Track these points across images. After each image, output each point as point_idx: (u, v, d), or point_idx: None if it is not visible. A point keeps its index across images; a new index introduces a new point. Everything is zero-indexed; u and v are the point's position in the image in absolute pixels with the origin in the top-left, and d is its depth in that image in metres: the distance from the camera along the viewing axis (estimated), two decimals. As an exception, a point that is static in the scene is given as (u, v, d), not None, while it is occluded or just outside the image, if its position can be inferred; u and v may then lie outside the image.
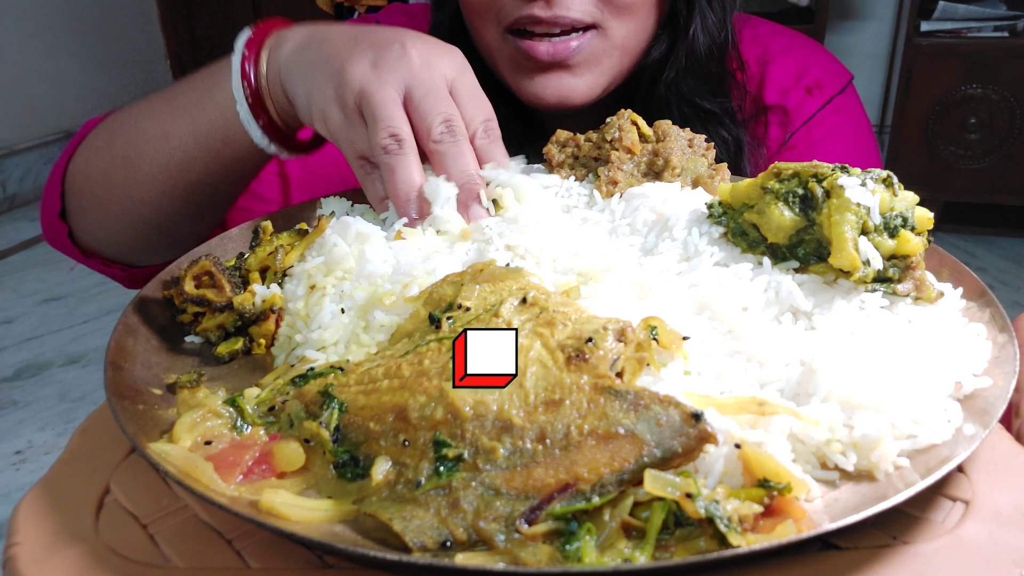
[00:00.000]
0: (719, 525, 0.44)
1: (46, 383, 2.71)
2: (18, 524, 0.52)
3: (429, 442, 0.50)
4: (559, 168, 0.90)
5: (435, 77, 0.78)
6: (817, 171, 0.65)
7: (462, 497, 0.47)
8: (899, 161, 3.47)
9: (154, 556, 0.49)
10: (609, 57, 1.01)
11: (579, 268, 0.70)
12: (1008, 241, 3.47)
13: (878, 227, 0.63)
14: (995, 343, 0.61)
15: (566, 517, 0.46)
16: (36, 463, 2.31)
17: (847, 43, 3.83)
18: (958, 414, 0.54)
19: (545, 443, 0.48)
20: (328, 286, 0.69)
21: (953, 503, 0.51)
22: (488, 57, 1.06)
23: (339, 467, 0.52)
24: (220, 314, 0.68)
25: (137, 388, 0.61)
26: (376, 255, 0.71)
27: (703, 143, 0.87)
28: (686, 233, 0.71)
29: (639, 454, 0.46)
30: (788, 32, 1.25)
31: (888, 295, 0.63)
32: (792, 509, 0.47)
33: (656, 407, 0.48)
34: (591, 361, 0.51)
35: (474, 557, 0.44)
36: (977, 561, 0.47)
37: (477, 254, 0.74)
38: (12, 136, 4.25)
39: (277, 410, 0.58)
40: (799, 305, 0.62)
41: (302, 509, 0.49)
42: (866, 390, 0.54)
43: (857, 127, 1.19)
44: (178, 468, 0.50)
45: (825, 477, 0.51)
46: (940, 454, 0.51)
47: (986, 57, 3.23)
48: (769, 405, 0.52)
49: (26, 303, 3.28)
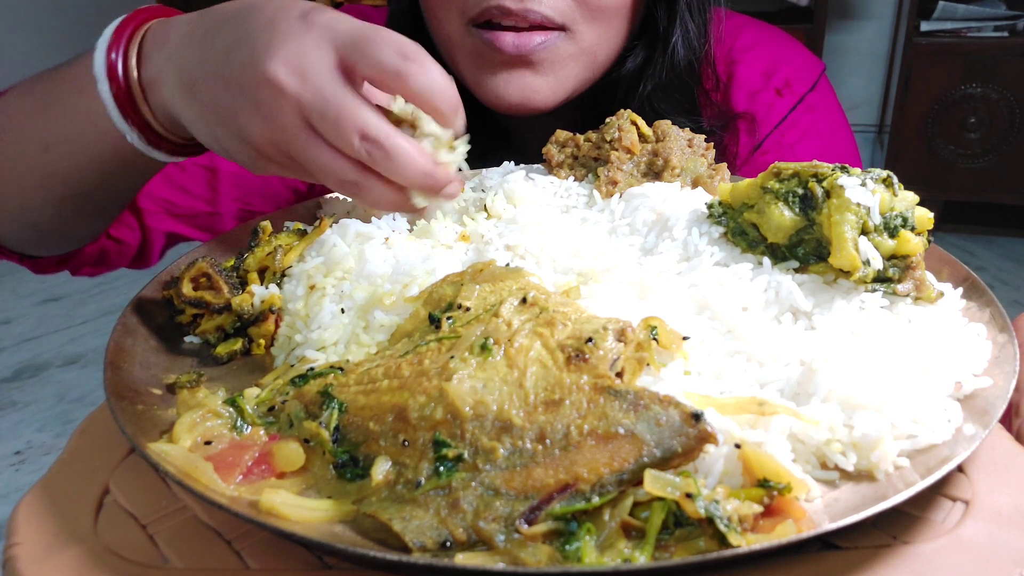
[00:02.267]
0: (719, 525, 0.44)
1: (45, 384, 2.71)
2: (17, 524, 0.51)
3: (429, 442, 0.50)
4: (558, 168, 0.90)
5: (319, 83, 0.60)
6: (817, 171, 0.65)
7: (462, 497, 0.47)
8: (899, 161, 3.44)
9: (153, 557, 0.49)
10: (575, 62, 0.96)
11: (579, 268, 0.70)
12: (1008, 241, 3.47)
13: (878, 227, 0.63)
14: (995, 343, 0.61)
15: (566, 517, 0.46)
16: (35, 464, 2.31)
17: (847, 43, 3.82)
18: (958, 414, 0.54)
19: (545, 443, 0.48)
20: (328, 286, 0.69)
21: (953, 503, 0.51)
22: (447, 52, 1.00)
23: (339, 467, 0.52)
24: (219, 316, 0.68)
25: (136, 388, 0.61)
26: (376, 255, 0.71)
27: (703, 143, 0.87)
28: (686, 233, 0.71)
29: (639, 454, 0.46)
30: (753, 24, 1.18)
31: (888, 295, 0.63)
32: (792, 509, 0.47)
33: (656, 407, 0.48)
34: (591, 361, 0.51)
35: (474, 557, 0.44)
36: (977, 561, 0.47)
37: (477, 254, 0.74)
38: None
39: (277, 410, 0.58)
40: (799, 305, 0.62)
41: (302, 509, 0.49)
42: (866, 390, 0.54)
43: (832, 124, 1.14)
44: (178, 468, 0.50)
45: (825, 477, 0.51)
46: (940, 454, 0.51)
47: (986, 57, 3.22)
48: (769, 405, 0.52)
49: (25, 304, 3.27)
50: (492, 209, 0.80)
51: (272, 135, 0.61)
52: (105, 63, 0.68)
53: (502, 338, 0.54)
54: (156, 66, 0.67)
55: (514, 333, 0.55)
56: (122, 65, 0.68)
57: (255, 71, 0.59)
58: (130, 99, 0.68)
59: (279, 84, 0.58)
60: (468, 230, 0.77)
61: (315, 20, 0.61)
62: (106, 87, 0.68)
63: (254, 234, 0.74)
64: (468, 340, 0.55)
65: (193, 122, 0.66)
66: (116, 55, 0.68)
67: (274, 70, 0.58)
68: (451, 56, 1.00)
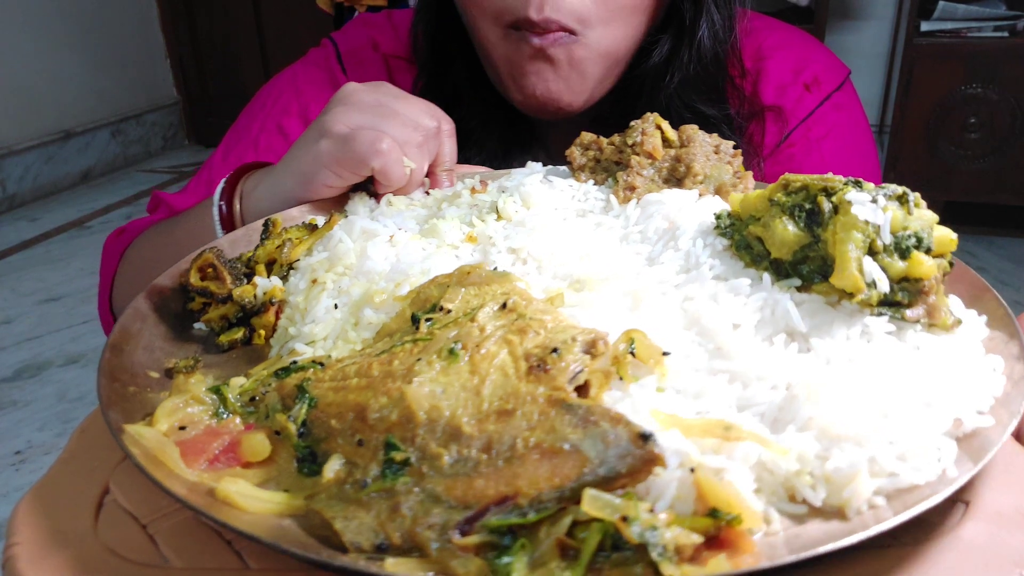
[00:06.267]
0: (652, 553, 0.42)
1: (45, 383, 2.69)
2: (17, 524, 0.52)
3: (381, 444, 0.50)
4: (580, 171, 0.88)
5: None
6: (827, 185, 0.61)
7: (403, 502, 0.47)
8: (899, 161, 3.43)
9: (153, 556, 0.49)
10: (593, 64, 0.99)
11: (577, 275, 0.68)
12: (1008, 241, 3.44)
13: (888, 247, 0.59)
14: (1010, 378, 0.56)
15: (501, 530, 0.45)
16: (35, 463, 2.30)
17: (847, 43, 3.83)
18: (952, 453, 0.50)
19: (491, 453, 0.47)
20: (328, 281, 0.70)
21: (953, 503, 0.50)
22: (483, 51, 1.05)
23: (299, 461, 0.53)
24: (222, 305, 0.70)
25: (133, 371, 0.63)
26: (377, 253, 0.71)
27: (730, 149, 0.84)
28: (691, 244, 0.69)
29: (581, 472, 0.45)
30: (782, 26, 1.20)
31: (895, 320, 0.59)
32: (741, 542, 0.44)
33: (605, 424, 0.46)
34: (551, 372, 0.50)
35: (402, 564, 0.44)
36: (977, 561, 0.46)
37: (482, 256, 0.74)
38: (12, 136, 4.18)
39: (258, 401, 0.60)
40: (795, 326, 0.59)
41: (256, 500, 0.50)
42: (849, 421, 0.50)
43: (856, 126, 1.16)
44: (144, 451, 0.52)
45: (792, 511, 0.48)
46: (922, 495, 0.47)
47: (986, 57, 3.21)
48: (736, 430, 0.49)
49: (25, 303, 3.25)
50: (503, 211, 0.79)
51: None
52: (218, 210, 0.90)
53: (471, 343, 0.54)
54: (251, 201, 0.90)
55: (484, 339, 0.54)
56: (227, 207, 0.90)
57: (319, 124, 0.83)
58: (231, 222, 0.91)
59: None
60: (476, 231, 0.77)
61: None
62: (218, 226, 0.90)
63: (265, 227, 0.76)
64: (438, 343, 0.55)
65: (282, 186, 0.87)
66: (223, 203, 0.91)
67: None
68: (487, 55, 1.04)
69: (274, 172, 0.88)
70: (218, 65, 5.07)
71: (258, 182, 0.90)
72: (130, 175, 4.79)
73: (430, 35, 1.11)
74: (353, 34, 1.21)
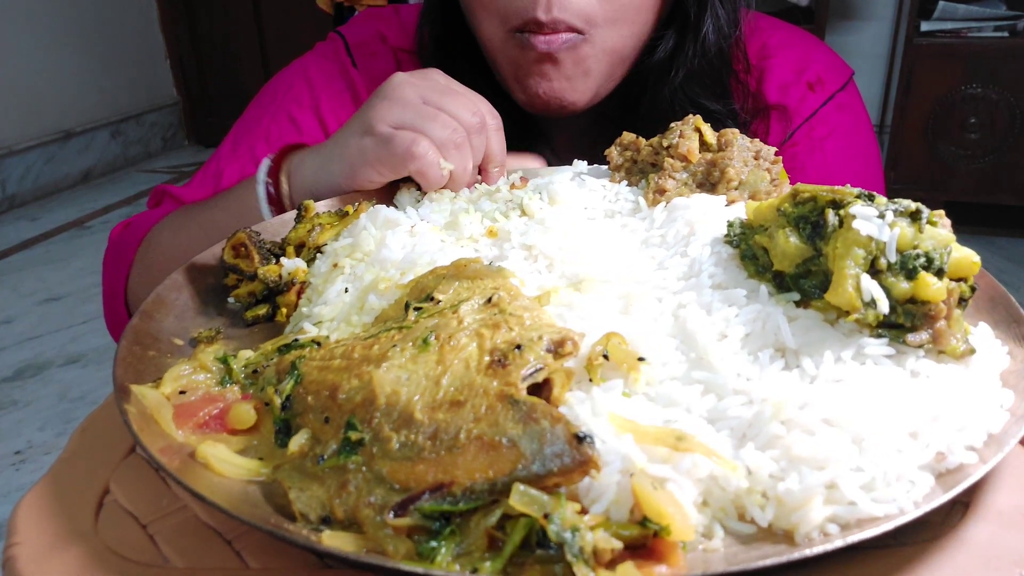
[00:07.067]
0: (567, 553, 0.42)
1: (46, 383, 2.66)
2: (17, 524, 0.52)
3: (343, 423, 0.52)
4: (616, 171, 0.88)
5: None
6: (836, 197, 0.58)
7: (351, 479, 0.49)
8: (899, 161, 3.41)
9: (153, 556, 0.49)
10: (598, 62, 0.98)
11: (580, 275, 0.68)
12: (1008, 241, 3.42)
13: (893, 266, 0.55)
14: (1013, 414, 0.52)
15: (433, 516, 0.46)
16: (36, 463, 2.27)
17: (847, 43, 3.72)
18: (926, 487, 0.47)
19: (436, 441, 0.49)
20: (346, 266, 0.74)
21: (953, 503, 0.49)
22: (488, 52, 1.05)
23: (276, 433, 0.56)
24: (250, 282, 0.75)
25: (159, 336, 0.69)
26: (395, 242, 0.74)
27: (771, 155, 0.81)
28: (698, 251, 0.67)
29: (515, 467, 0.46)
30: (785, 26, 1.17)
31: (896, 343, 0.56)
32: (668, 554, 0.44)
33: (544, 422, 0.47)
34: (508, 368, 0.51)
35: (337, 537, 0.46)
36: (977, 561, 0.46)
37: (498, 250, 0.75)
38: (12, 136, 4.17)
39: (258, 373, 0.64)
40: (785, 342, 0.57)
41: (230, 465, 0.53)
42: (814, 443, 0.48)
43: (859, 127, 1.13)
44: (142, 410, 0.56)
45: (738, 529, 0.47)
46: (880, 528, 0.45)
47: (986, 57, 3.19)
48: (687, 440, 0.48)
49: (25, 303, 3.22)
50: (527, 208, 0.80)
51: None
52: (265, 196, 0.92)
53: (444, 334, 0.55)
54: (298, 179, 0.91)
55: (458, 331, 0.56)
56: (274, 188, 0.92)
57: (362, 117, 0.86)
58: (280, 205, 0.93)
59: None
60: (497, 226, 0.78)
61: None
62: (265, 205, 0.92)
63: (298, 211, 0.80)
64: (416, 332, 0.57)
65: (330, 169, 0.88)
66: (271, 182, 0.92)
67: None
68: (492, 56, 1.05)
69: (320, 155, 0.90)
70: (218, 65, 5.04)
71: (302, 161, 0.91)
72: (130, 175, 4.75)
73: (435, 36, 1.12)
74: (360, 27, 1.21)
